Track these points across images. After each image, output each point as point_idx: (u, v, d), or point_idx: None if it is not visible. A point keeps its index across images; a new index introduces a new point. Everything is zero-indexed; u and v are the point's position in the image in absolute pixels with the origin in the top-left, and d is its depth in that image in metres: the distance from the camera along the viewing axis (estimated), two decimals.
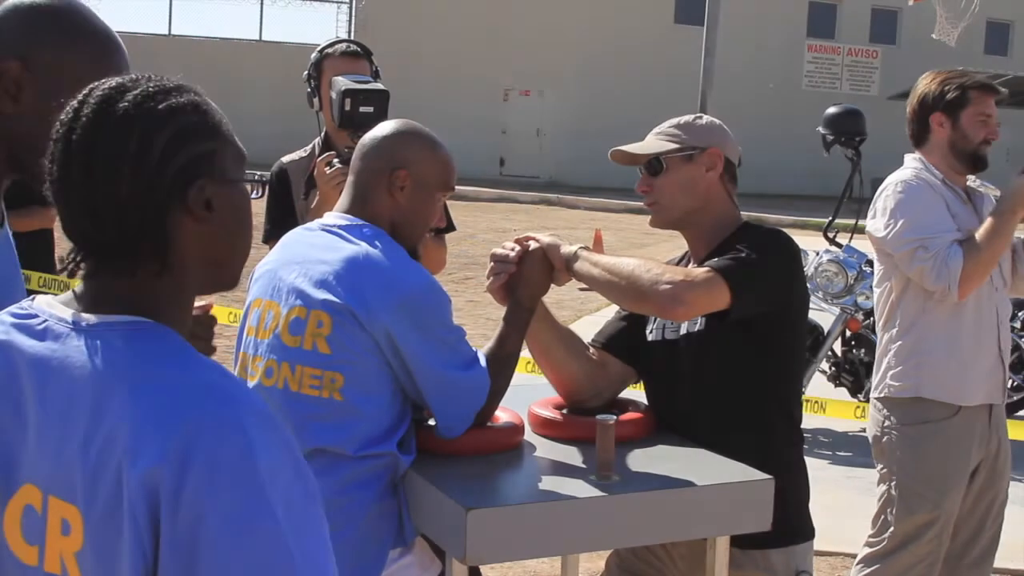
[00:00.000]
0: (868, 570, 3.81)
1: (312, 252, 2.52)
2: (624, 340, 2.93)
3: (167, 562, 1.29)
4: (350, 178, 2.66)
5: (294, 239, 2.67)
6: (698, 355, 2.74)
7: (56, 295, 1.49)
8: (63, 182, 1.42)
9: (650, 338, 2.87)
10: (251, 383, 2.54)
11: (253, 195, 1.56)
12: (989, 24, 30.39)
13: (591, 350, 2.93)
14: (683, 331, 2.77)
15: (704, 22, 14.57)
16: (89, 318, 1.42)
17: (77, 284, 1.49)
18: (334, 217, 2.62)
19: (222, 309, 7.63)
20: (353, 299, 2.40)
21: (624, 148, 2.87)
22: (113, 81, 1.46)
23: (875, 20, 31.90)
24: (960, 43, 18.47)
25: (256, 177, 1.57)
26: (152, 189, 1.41)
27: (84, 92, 1.46)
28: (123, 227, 1.41)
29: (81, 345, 1.40)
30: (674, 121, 2.89)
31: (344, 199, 2.65)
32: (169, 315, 1.45)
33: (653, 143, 2.86)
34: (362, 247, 2.47)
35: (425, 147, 2.63)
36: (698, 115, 2.94)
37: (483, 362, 2.52)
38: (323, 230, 2.58)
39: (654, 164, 2.82)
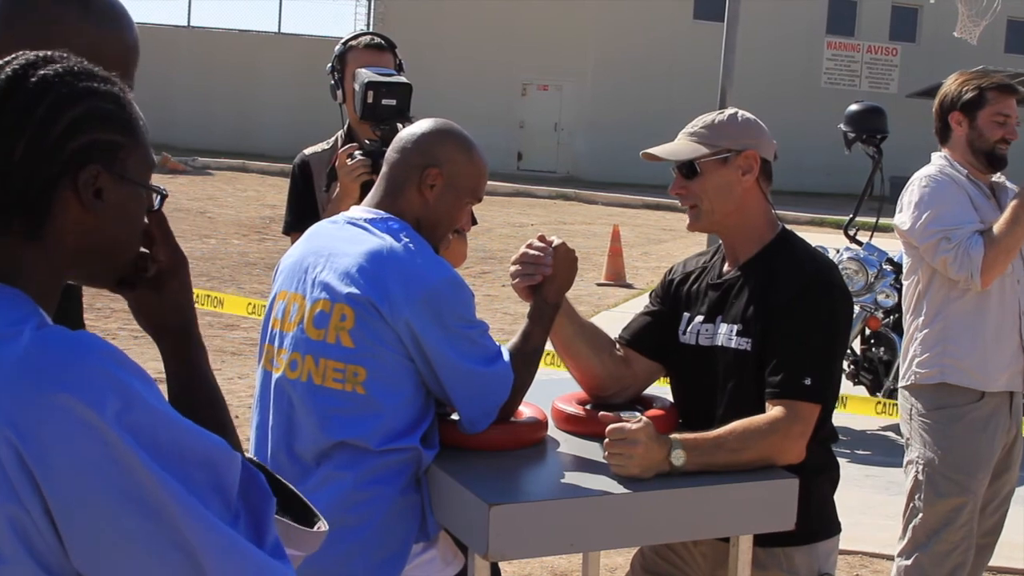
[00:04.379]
0: (907, 563, 3.84)
1: (337, 245, 2.52)
2: (651, 337, 2.90)
3: (58, 510, 1.28)
4: (384, 170, 2.64)
5: (319, 232, 2.67)
6: (734, 367, 2.70)
7: None
8: None
9: (683, 339, 2.84)
10: (276, 375, 2.54)
11: (156, 205, 1.54)
12: (1010, 23, 30.24)
13: (616, 346, 2.90)
14: (719, 343, 2.74)
15: (724, 18, 14.51)
16: None
17: None
18: (360, 210, 2.61)
19: (240, 300, 7.66)
20: (376, 293, 2.39)
21: (655, 152, 2.81)
22: (45, 52, 1.45)
23: (895, 17, 31.77)
24: (981, 41, 18.36)
25: (160, 189, 1.54)
26: (46, 158, 1.40)
27: (12, 55, 1.44)
28: (7, 187, 1.39)
29: None
30: (707, 119, 2.80)
31: (375, 192, 2.64)
32: (25, 279, 1.42)
33: (686, 146, 2.78)
34: (386, 241, 2.46)
35: (462, 150, 2.61)
36: (732, 112, 2.84)
37: (506, 357, 2.51)
38: (348, 223, 2.57)
39: (688, 167, 2.77)
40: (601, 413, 2.65)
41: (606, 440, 2.43)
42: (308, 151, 3.92)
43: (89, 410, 1.28)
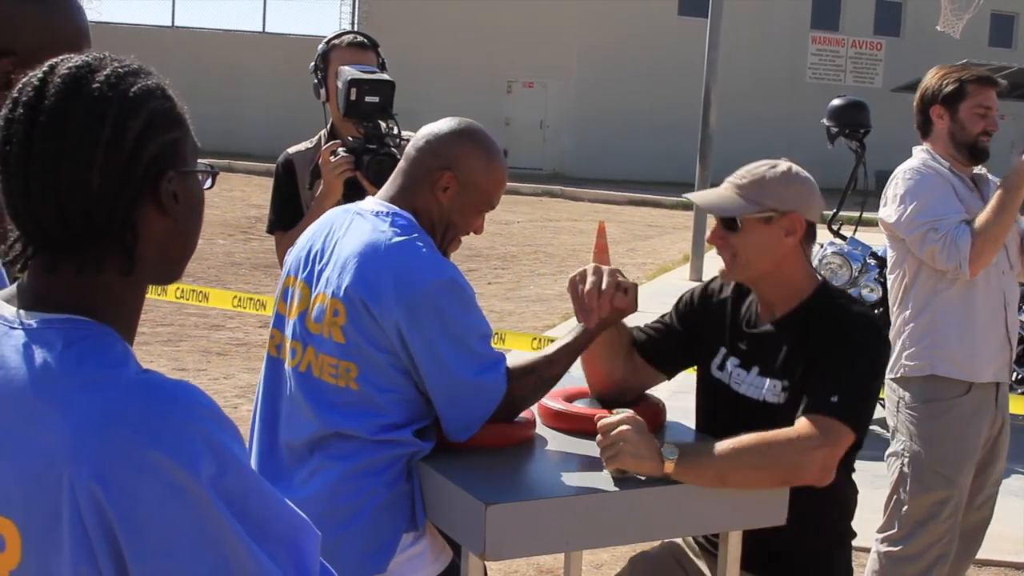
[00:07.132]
0: (889, 550, 3.86)
1: (341, 237, 2.49)
2: (668, 355, 2.90)
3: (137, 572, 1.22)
4: (401, 165, 2.59)
5: (330, 219, 2.61)
6: (766, 418, 2.60)
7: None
8: (21, 167, 1.30)
9: (715, 374, 2.82)
10: (279, 361, 2.54)
11: (206, 186, 1.46)
12: (994, 16, 30.35)
13: (634, 350, 2.88)
14: (754, 396, 2.71)
15: (708, 14, 14.54)
16: (31, 317, 1.32)
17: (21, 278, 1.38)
18: (372, 202, 2.56)
19: (226, 293, 7.65)
20: (368, 292, 2.37)
21: (696, 200, 2.78)
22: (77, 59, 1.34)
23: (879, 12, 31.86)
24: (964, 35, 18.44)
25: (207, 167, 1.45)
26: (126, 179, 1.31)
27: (45, 69, 1.33)
28: (92, 219, 1.30)
29: (19, 345, 1.29)
30: (757, 172, 2.72)
31: (390, 186, 2.59)
32: (113, 314, 1.34)
33: (729, 198, 2.71)
34: (387, 236, 2.42)
35: (481, 156, 2.54)
36: (785, 169, 2.73)
37: (502, 369, 2.45)
38: (357, 214, 2.53)
39: (729, 220, 2.71)
40: (592, 411, 2.63)
41: (598, 437, 2.41)
42: (291, 150, 3.92)
43: (183, 471, 1.21)
